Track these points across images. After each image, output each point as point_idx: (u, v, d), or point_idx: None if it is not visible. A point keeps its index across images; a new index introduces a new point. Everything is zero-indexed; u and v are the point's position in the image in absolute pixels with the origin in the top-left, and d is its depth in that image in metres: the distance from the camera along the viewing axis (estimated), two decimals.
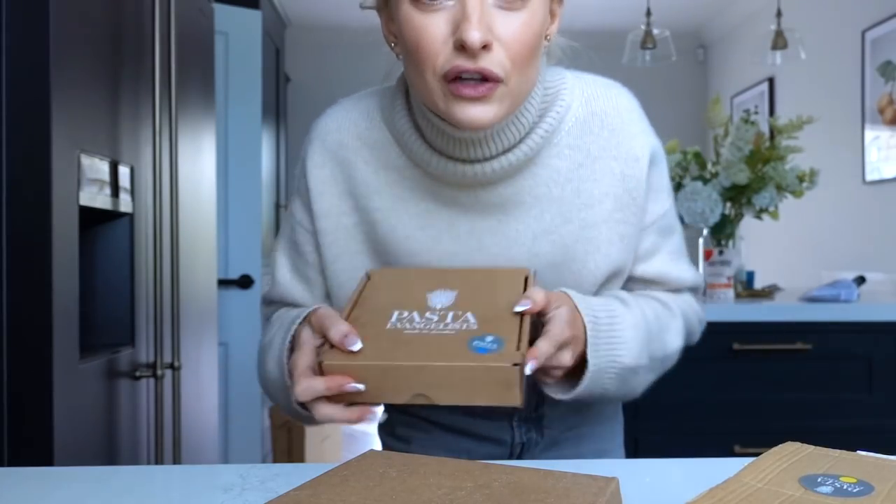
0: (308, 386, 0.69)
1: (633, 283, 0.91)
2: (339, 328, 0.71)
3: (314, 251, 0.89)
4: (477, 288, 0.76)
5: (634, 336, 0.80)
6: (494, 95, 0.73)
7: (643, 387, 0.84)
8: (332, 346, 0.72)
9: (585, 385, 0.77)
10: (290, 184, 0.93)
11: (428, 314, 0.74)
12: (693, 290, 0.95)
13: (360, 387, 0.68)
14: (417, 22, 0.72)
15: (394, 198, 0.84)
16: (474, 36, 0.69)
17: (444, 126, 0.78)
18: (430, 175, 0.83)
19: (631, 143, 0.84)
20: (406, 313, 0.74)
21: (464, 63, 0.71)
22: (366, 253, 0.87)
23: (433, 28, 0.72)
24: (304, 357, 0.73)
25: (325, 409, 0.71)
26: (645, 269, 0.90)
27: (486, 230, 0.84)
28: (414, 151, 0.83)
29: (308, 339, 0.75)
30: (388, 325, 0.73)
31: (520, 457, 0.91)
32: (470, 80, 0.72)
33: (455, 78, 0.72)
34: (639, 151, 0.84)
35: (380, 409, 0.69)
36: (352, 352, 0.70)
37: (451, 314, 0.74)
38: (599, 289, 0.87)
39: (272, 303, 0.96)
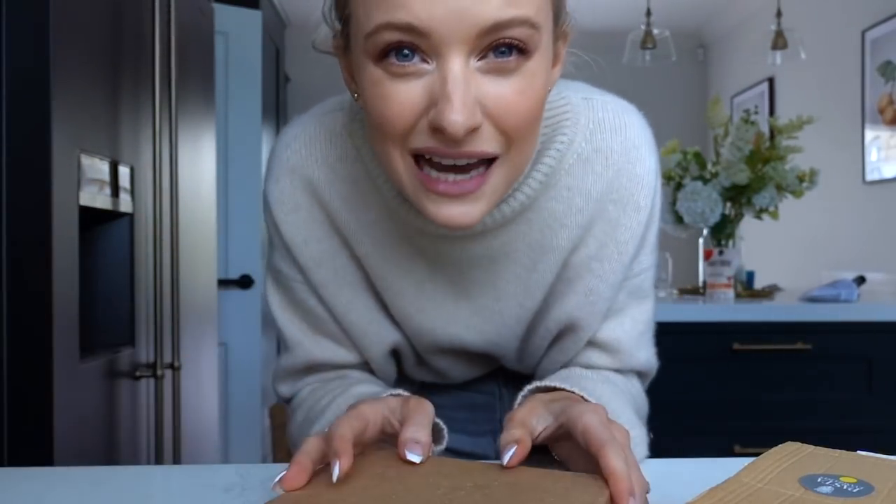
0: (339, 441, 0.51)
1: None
2: (415, 430, 0.54)
3: (319, 304, 0.76)
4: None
5: (630, 419, 0.73)
6: (483, 189, 0.58)
7: None
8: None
9: None
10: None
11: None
12: (641, 375, 0.81)
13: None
14: (384, 89, 0.55)
15: (374, 241, 0.72)
16: (455, 121, 0.52)
17: None
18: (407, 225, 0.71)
19: (634, 189, 0.71)
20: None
21: (441, 147, 0.55)
22: (369, 291, 0.76)
23: (404, 100, 0.55)
24: (353, 423, 0.54)
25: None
26: (600, 328, 0.76)
27: (471, 282, 0.74)
28: (388, 200, 0.69)
29: (374, 415, 0.56)
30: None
31: None
32: (449, 168, 0.57)
33: (428, 159, 0.57)
34: (642, 200, 0.71)
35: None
36: (407, 461, 0.53)
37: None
38: (552, 343, 0.77)
39: (300, 371, 0.80)
